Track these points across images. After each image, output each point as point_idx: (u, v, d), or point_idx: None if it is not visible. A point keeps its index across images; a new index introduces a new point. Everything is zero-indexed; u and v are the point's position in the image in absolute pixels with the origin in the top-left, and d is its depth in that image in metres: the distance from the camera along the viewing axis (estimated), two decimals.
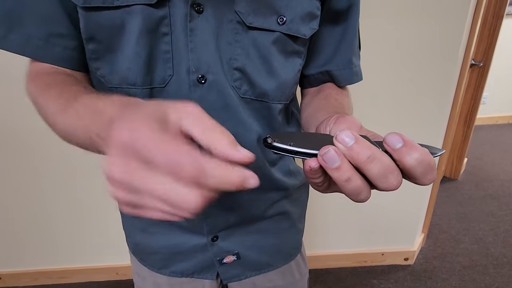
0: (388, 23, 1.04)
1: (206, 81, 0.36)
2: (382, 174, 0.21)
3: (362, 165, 0.21)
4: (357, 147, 0.21)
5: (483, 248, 1.53)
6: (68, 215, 1.31)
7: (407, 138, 0.21)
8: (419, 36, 1.06)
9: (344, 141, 0.21)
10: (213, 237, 0.47)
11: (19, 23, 0.34)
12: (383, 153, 0.21)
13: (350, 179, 0.22)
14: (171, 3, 0.33)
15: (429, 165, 0.21)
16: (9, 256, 1.38)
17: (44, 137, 1.15)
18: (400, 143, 0.21)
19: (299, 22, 0.38)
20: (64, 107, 0.30)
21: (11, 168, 1.21)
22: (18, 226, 1.32)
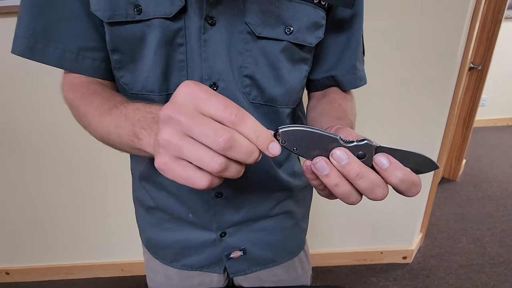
0: (386, 28, 1.07)
1: (218, 88, 0.40)
2: (369, 188, 0.25)
3: (352, 180, 0.25)
4: (348, 166, 0.25)
5: (480, 247, 1.56)
6: (76, 213, 1.34)
7: (393, 159, 0.25)
8: (417, 40, 1.09)
9: (339, 159, 0.25)
10: (221, 233, 0.50)
11: (54, 39, 0.38)
12: (371, 170, 0.25)
13: (338, 185, 0.26)
14: (186, 16, 0.37)
15: (412, 182, 0.25)
16: (17, 252, 1.42)
17: (48, 136, 1.18)
18: (387, 164, 0.25)
19: (305, 31, 0.40)
20: (109, 112, 0.34)
21: (18, 167, 1.24)
22: (27, 223, 1.36)
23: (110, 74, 0.43)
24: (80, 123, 0.40)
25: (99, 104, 0.36)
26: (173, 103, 0.23)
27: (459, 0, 1.04)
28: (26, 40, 0.38)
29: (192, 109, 0.23)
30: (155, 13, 0.35)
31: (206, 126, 0.22)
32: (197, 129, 0.22)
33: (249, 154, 0.23)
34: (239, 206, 0.49)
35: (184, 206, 0.49)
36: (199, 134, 0.22)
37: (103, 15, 0.36)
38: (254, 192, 0.49)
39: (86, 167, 1.25)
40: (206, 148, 0.23)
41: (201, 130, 0.22)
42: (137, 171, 0.51)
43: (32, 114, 1.15)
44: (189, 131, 0.22)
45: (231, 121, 0.22)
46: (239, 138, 0.22)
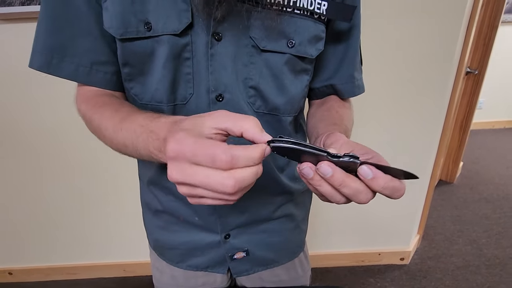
0: (384, 32, 1.09)
1: (224, 99, 0.42)
2: (352, 194, 0.29)
3: (337, 188, 0.29)
4: (332, 177, 0.28)
5: (476, 249, 1.59)
6: (78, 213, 1.36)
7: (375, 170, 0.28)
8: (414, 46, 1.11)
9: (325, 172, 0.28)
10: (225, 235, 0.53)
11: (69, 55, 0.41)
12: (354, 179, 0.29)
13: (321, 185, 0.29)
14: (193, 32, 0.39)
15: (393, 188, 0.28)
16: (20, 252, 1.44)
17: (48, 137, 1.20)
18: (370, 175, 0.28)
19: (307, 44, 0.43)
20: (120, 126, 0.37)
21: (20, 167, 1.27)
22: (29, 223, 1.37)
23: (120, 86, 0.46)
24: (95, 134, 0.43)
25: (110, 116, 0.39)
26: (169, 160, 0.26)
27: (455, 7, 1.07)
28: (43, 56, 0.41)
29: (188, 165, 0.25)
30: (164, 30, 0.38)
31: (209, 180, 0.25)
32: (203, 184, 0.25)
33: (255, 176, 0.26)
34: (243, 209, 0.51)
35: (191, 210, 0.51)
36: (206, 187, 0.25)
37: (116, 32, 0.39)
38: (257, 196, 0.51)
39: (88, 168, 1.28)
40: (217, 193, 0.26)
41: (206, 184, 0.25)
42: (146, 176, 0.54)
43: (32, 114, 1.17)
44: (196, 185, 0.26)
45: (226, 168, 0.25)
46: (242, 175, 0.25)
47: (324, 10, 0.41)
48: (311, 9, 0.41)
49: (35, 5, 0.95)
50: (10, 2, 0.94)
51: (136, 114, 0.37)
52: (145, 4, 0.37)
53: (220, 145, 0.25)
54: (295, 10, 0.40)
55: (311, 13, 0.41)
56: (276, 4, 0.39)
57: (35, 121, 1.18)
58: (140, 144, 0.35)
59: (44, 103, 1.15)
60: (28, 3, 0.94)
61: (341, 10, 0.42)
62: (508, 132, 3.11)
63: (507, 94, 3.10)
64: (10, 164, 1.26)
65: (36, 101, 1.15)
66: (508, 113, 3.19)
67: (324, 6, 0.41)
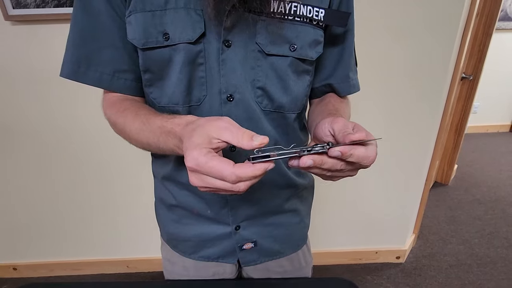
0: (385, 41, 1.14)
1: (234, 99, 0.47)
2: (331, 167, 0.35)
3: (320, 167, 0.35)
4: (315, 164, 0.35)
5: (468, 248, 1.64)
6: (83, 210, 1.39)
7: (341, 147, 0.34)
8: (412, 52, 1.16)
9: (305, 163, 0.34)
10: (236, 227, 0.57)
11: (94, 64, 0.46)
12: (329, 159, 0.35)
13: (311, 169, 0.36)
14: (205, 40, 0.44)
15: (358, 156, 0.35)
16: (25, 248, 1.46)
17: (57, 133, 1.24)
18: (339, 153, 0.34)
19: (307, 48, 0.47)
20: (142, 128, 0.43)
21: (26, 162, 1.29)
22: (34, 219, 1.40)
23: (140, 91, 0.51)
24: (120, 135, 0.49)
25: (132, 120, 0.45)
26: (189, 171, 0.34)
27: (451, 15, 1.12)
28: (71, 65, 0.46)
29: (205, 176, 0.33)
30: (180, 39, 0.42)
31: (223, 186, 0.32)
32: (219, 188, 0.33)
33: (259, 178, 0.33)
34: (253, 202, 0.56)
35: (204, 203, 0.55)
36: (221, 189, 0.33)
37: (138, 43, 0.44)
38: (266, 189, 0.55)
39: (94, 165, 1.31)
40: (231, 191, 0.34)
41: (221, 188, 0.33)
42: (160, 173, 0.58)
43: (42, 112, 1.21)
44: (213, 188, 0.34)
45: (233, 183, 0.32)
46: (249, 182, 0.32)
47: (321, 17, 0.46)
48: (310, 16, 0.45)
49: (49, 7, 0.98)
50: (25, 4, 0.98)
51: (153, 117, 0.43)
52: (163, 17, 0.42)
53: (226, 167, 0.31)
54: (296, 17, 0.45)
55: (310, 20, 0.46)
56: (279, 13, 0.44)
57: (47, 120, 1.21)
58: (161, 143, 0.41)
59: (55, 103, 1.18)
60: (43, 5, 0.98)
61: (337, 17, 0.47)
62: (501, 136, 3.19)
63: (501, 99, 3.18)
64: (15, 159, 1.28)
65: (47, 101, 1.18)
66: (501, 118, 3.27)
67: (322, 13, 0.46)
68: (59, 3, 0.99)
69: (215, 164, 0.31)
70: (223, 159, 0.32)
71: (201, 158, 0.32)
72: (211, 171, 0.31)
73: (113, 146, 1.27)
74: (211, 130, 0.33)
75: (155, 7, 0.42)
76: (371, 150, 0.36)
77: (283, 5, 0.43)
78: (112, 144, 1.26)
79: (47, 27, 1.05)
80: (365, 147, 0.35)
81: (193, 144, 0.33)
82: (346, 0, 0.50)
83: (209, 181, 0.32)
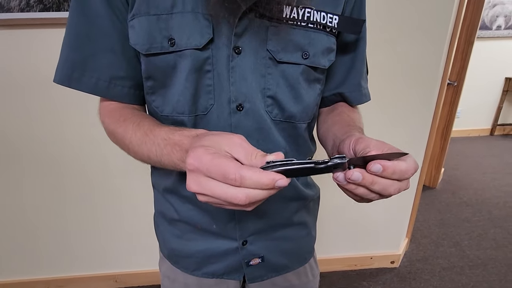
0: (379, 47, 1.16)
1: (243, 109, 0.44)
2: (382, 189, 0.31)
3: (368, 187, 0.32)
4: (364, 180, 0.31)
5: (459, 251, 1.67)
6: (66, 223, 1.32)
7: (383, 162, 0.30)
8: (404, 58, 1.19)
9: (356, 178, 0.31)
10: (243, 242, 0.54)
11: (90, 70, 0.43)
12: (380, 178, 0.31)
13: (356, 188, 0.32)
14: (213, 46, 0.41)
15: (400, 171, 0.31)
16: (4, 265, 1.37)
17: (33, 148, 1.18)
18: (380, 169, 0.30)
19: (320, 56, 0.46)
20: (143, 140, 0.40)
21: (8, 178, 1.22)
22: (12, 233, 1.31)
23: (138, 99, 0.48)
24: (118, 145, 0.45)
25: (133, 130, 0.41)
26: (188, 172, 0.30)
27: (440, 24, 1.15)
28: (64, 70, 0.43)
29: (204, 178, 0.28)
30: (187, 45, 0.40)
31: (222, 193, 0.28)
32: (217, 196, 0.28)
33: (267, 195, 0.28)
34: (260, 215, 0.53)
35: (208, 218, 0.52)
36: (220, 198, 0.28)
37: (142, 48, 0.41)
38: (274, 202, 0.53)
39: (79, 178, 1.25)
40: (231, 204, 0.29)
41: (220, 196, 0.28)
42: (161, 185, 0.54)
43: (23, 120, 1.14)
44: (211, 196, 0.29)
45: (236, 185, 0.27)
46: (254, 192, 0.27)
47: (335, 24, 0.45)
48: (323, 23, 0.44)
49: (34, 11, 0.93)
50: (9, 8, 0.92)
51: (157, 128, 0.40)
52: (169, 22, 0.39)
53: (232, 165, 0.27)
54: (309, 24, 0.43)
55: (324, 27, 0.44)
56: (291, 19, 0.42)
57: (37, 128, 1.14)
58: (164, 156, 0.38)
59: (45, 111, 1.12)
60: (28, 9, 0.93)
61: (350, 24, 0.46)
62: (482, 139, 3.32)
63: (481, 104, 3.32)
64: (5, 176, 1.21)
65: (36, 108, 1.11)
66: (482, 122, 3.41)
67: (336, 20, 0.44)
68: (45, 7, 0.94)
69: (221, 162, 0.27)
70: (232, 159, 0.28)
71: (206, 156, 0.28)
72: (214, 170, 0.27)
73: (101, 159, 1.21)
74: (223, 142, 0.31)
75: (160, 10, 0.39)
76: (411, 162, 0.32)
77: (296, 11, 0.42)
78: (100, 156, 1.20)
79: (32, 32, 0.99)
80: (404, 161, 0.32)
81: (199, 145, 0.30)
82: (359, 6, 0.49)
83: (208, 185, 0.28)
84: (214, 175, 0.28)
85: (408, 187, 0.34)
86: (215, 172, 0.27)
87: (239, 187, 0.27)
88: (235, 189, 0.27)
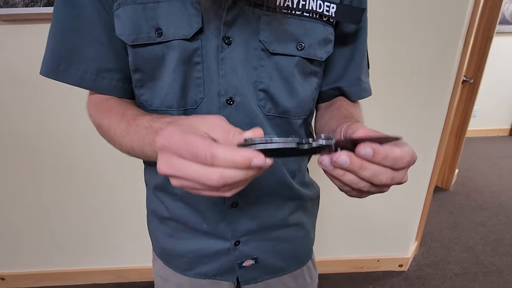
0: (388, 42, 1.11)
1: (234, 102, 0.42)
2: (372, 175, 0.28)
3: (357, 173, 0.28)
4: (352, 164, 0.27)
5: (473, 256, 1.60)
6: (72, 218, 1.33)
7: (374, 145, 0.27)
8: (417, 55, 1.13)
9: (342, 162, 0.27)
10: (235, 242, 0.52)
11: (76, 62, 0.41)
12: (371, 163, 0.28)
13: (344, 174, 0.28)
14: (203, 37, 0.39)
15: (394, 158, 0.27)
16: (12, 257, 1.40)
17: (47, 141, 1.19)
18: (370, 152, 0.27)
19: (316, 47, 0.43)
20: (127, 130, 0.37)
21: (19, 172, 1.24)
22: (21, 228, 1.34)
23: (127, 92, 0.46)
24: (105, 139, 0.43)
25: (117, 121, 0.39)
26: (158, 152, 0.27)
27: (455, 18, 1.09)
28: (50, 62, 0.41)
29: (174, 157, 0.26)
30: (174, 35, 0.38)
31: (194, 174, 0.25)
32: (189, 177, 0.25)
33: (245, 177, 0.25)
34: (254, 215, 0.51)
35: (199, 217, 0.50)
36: (193, 180, 0.25)
37: (128, 39, 0.39)
38: (268, 202, 0.51)
39: (84, 173, 1.26)
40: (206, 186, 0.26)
41: (192, 178, 0.25)
42: (152, 182, 0.53)
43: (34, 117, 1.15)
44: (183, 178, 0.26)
45: (207, 164, 0.24)
46: (228, 173, 0.24)
47: (333, 12, 0.42)
48: (320, 12, 0.41)
49: (39, 6, 0.93)
50: (13, 3, 0.93)
51: (141, 117, 0.37)
52: (156, 10, 0.37)
53: (202, 141, 0.24)
54: (304, 13, 0.40)
55: (320, 16, 0.42)
56: (285, 7, 0.39)
57: (36, 124, 1.16)
58: (146, 146, 0.35)
59: (46, 107, 1.13)
60: (32, 4, 0.93)
61: (349, 13, 0.43)
62: (500, 140, 3.18)
63: (500, 103, 3.17)
64: (5, 167, 1.23)
65: (38, 104, 1.13)
66: (501, 121, 3.26)
67: (333, 8, 0.41)
68: (48, 2, 0.94)
69: (192, 139, 0.25)
70: (207, 138, 0.26)
71: (176, 134, 0.25)
72: (184, 148, 0.25)
73: (104, 154, 1.22)
74: (200, 122, 0.28)
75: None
76: (406, 149, 0.28)
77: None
78: (103, 151, 1.21)
79: (36, 27, 1.00)
80: (398, 146, 0.28)
81: (172, 124, 0.28)
82: None
83: (179, 166, 0.25)
84: (185, 153, 0.25)
85: (405, 180, 0.30)
86: (185, 151, 0.25)
87: (212, 167, 0.24)
88: (208, 169, 0.24)
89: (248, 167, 0.24)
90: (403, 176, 0.29)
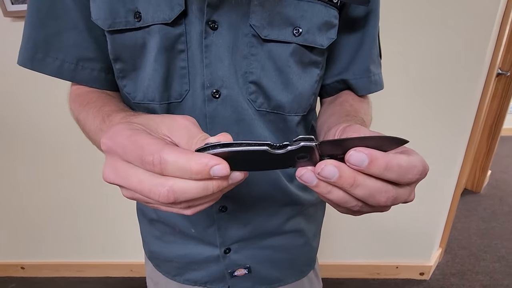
0: (413, 31, 1.02)
1: (220, 96, 0.37)
2: (368, 195, 0.21)
3: (348, 191, 0.21)
4: (341, 178, 0.21)
5: (505, 267, 1.46)
6: (89, 212, 1.36)
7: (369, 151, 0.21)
8: (445, 44, 1.03)
9: (329, 175, 0.21)
10: (225, 249, 0.48)
11: (54, 50, 0.38)
12: (367, 177, 0.21)
13: (330, 191, 0.22)
14: (187, 21, 0.35)
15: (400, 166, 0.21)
16: (32, 247, 1.46)
17: (65, 136, 1.21)
18: (366, 160, 0.20)
19: (316, 32, 0.37)
20: (100, 128, 0.34)
21: (38, 163, 1.28)
22: (42, 220, 1.39)
23: (110, 83, 0.42)
24: (84, 134, 0.40)
25: (92, 117, 0.36)
26: (105, 155, 0.23)
27: (488, 4, 0.97)
28: (27, 51, 0.38)
29: (121, 162, 0.21)
30: (154, 19, 0.34)
31: (140, 185, 0.20)
32: (135, 189, 0.21)
33: (202, 191, 0.20)
34: (245, 221, 0.46)
35: (186, 220, 0.46)
36: (140, 192, 0.21)
37: (104, 24, 0.36)
38: (261, 207, 0.46)
39: (100, 166, 1.27)
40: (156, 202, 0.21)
41: (138, 189, 0.21)
42: None
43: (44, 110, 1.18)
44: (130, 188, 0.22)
45: (155, 171, 0.20)
46: (180, 185, 0.20)
47: None
48: None
49: None
50: (24, 0, 0.94)
51: (115, 114, 0.33)
52: None
53: (153, 143, 0.20)
54: None
55: None
56: None
57: (46, 117, 1.18)
58: (100, 148, 0.31)
59: (57, 100, 1.15)
60: None
61: None
62: None
63: None
64: (28, 160, 1.27)
65: (49, 98, 1.15)
66: None
67: None
68: None
69: (140, 139, 0.20)
70: (159, 138, 0.21)
71: (124, 132, 0.21)
72: (130, 150, 0.20)
73: None
74: (163, 123, 0.24)
75: None
76: (416, 158, 0.22)
77: None
78: None
79: None
80: (404, 154, 0.22)
81: (125, 122, 0.24)
82: None
83: (124, 171, 0.21)
84: (131, 157, 0.20)
85: (412, 199, 0.23)
86: (131, 154, 0.20)
87: (161, 176, 0.20)
88: (155, 179, 0.20)
89: (207, 176, 0.19)
90: (409, 194, 0.23)
